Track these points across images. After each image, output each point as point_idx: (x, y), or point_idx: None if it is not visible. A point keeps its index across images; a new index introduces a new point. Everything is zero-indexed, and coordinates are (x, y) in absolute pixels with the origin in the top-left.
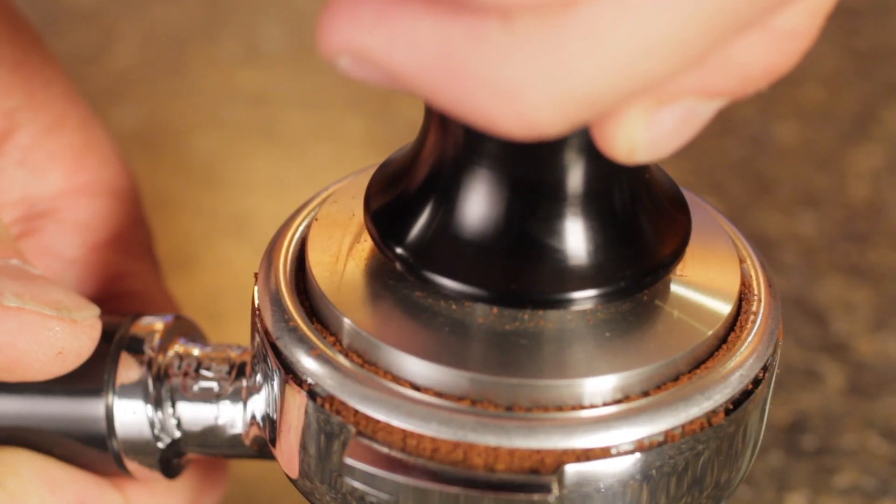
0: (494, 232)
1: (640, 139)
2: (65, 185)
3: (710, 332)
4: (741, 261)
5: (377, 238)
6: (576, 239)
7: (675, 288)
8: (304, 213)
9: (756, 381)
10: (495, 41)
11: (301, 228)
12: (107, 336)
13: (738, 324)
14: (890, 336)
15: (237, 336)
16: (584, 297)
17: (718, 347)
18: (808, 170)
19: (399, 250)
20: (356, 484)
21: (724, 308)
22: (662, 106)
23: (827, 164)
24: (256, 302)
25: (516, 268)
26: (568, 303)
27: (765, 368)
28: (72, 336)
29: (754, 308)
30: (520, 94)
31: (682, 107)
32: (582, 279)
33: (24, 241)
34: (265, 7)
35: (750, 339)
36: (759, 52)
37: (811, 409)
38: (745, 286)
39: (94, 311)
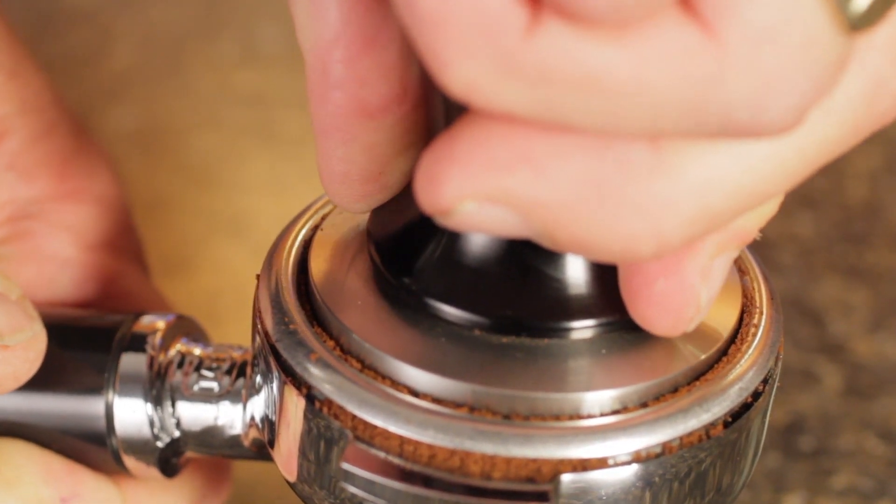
0: (492, 259)
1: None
2: (52, 189)
3: (710, 346)
4: (743, 273)
5: (379, 263)
6: (574, 268)
7: None
8: (307, 216)
9: (756, 394)
10: (645, 164)
11: (304, 232)
12: (108, 334)
13: (738, 336)
14: (887, 337)
15: (235, 336)
16: (580, 327)
17: (719, 359)
18: None
19: (401, 276)
20: (353, 489)
21: (725, 321)
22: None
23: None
24: (258, 304)
25: (513, 295)
26: (562, 332)
27: (765, 381)
28: (4, 362)
29: (755, 320)
30: (667, 209)
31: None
32: (578, 309)
33: (15, 244)
34: (263, 8)
35: (750, 351)
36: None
37: (808, 410)
38: (746, 298)
39: (32, 330)
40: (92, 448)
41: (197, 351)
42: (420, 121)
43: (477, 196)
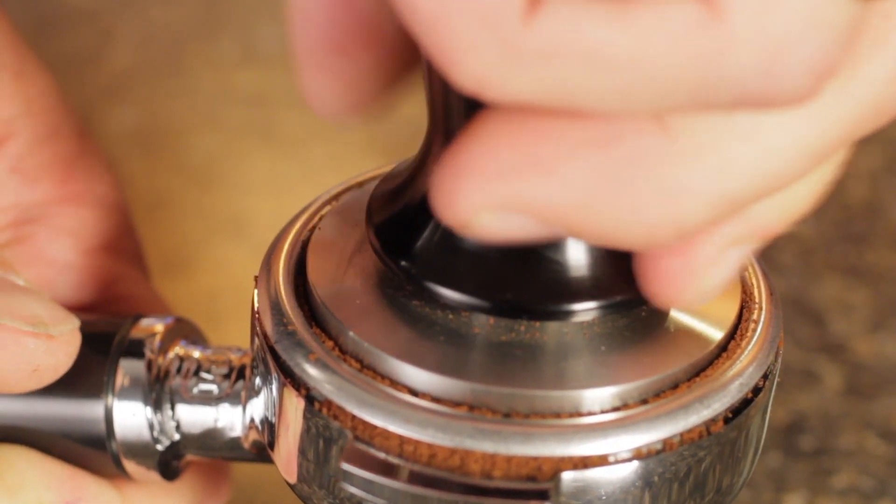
0: (493, 243)
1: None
2: (55, 193)
3: (709, 342)
4: (742, 269)
5: (378, 248)
6: (574, 251)
7: None
8: (305, 216)
9: (756, 390)
10: (657, 152)
11: (301, 232)
12: (107, 338)
13: (738, 332)
14: (888, 336)
15: (235, 337)
16: (580, 310)
17: (718, 355)
18: None
19: (399, 260)
20: (353, 489)
21: (724, 317)
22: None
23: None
24: (256, 305)
25: (512, 278)
26: (563, 314)
27: (765, 377)
28: (48, 353)
29: (755, 316)
30: (684, 195)
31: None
32: (578, 291)
33: (17, 248)
34: (263, 7)
35: (750, 347)
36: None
37: (809, 410)
38: (746, 294)
39: (73, 323)
40: (92, 452)
41: (196, 354)
42: (397, 62)
43: (492, 206)
